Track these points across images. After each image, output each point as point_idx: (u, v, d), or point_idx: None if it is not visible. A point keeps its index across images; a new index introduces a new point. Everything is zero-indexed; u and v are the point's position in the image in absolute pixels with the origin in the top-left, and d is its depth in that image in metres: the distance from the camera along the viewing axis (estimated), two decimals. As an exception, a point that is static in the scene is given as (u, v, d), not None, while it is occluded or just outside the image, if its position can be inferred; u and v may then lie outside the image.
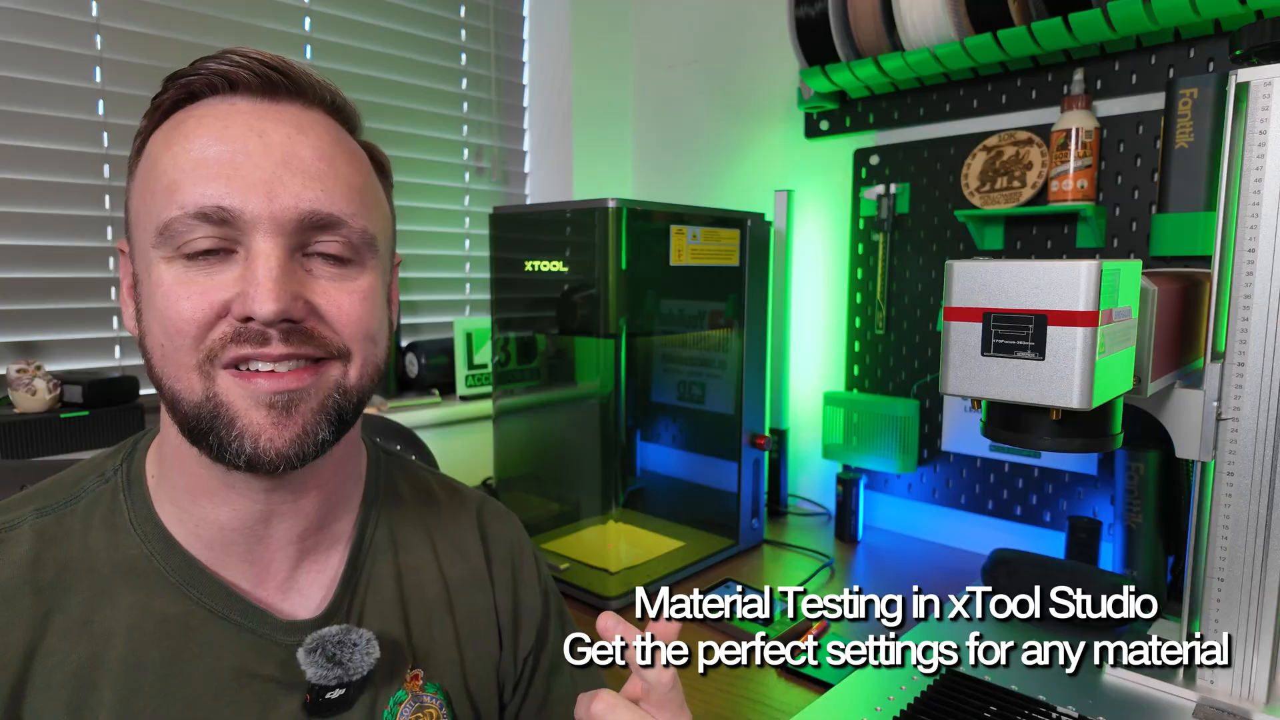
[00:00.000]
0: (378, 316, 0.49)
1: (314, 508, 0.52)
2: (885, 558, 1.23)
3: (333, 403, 0.47)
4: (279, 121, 0.46)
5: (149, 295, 0.45)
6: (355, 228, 0.47)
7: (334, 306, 0.46)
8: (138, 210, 0.46)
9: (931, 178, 1.28)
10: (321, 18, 1.41)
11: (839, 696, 0.79)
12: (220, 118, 0.45)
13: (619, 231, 1.00)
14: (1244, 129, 0.70)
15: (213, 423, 0.44)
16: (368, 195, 0.49)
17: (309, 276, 0.46)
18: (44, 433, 1.04)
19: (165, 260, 0.44)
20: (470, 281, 1.69)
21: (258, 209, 0.43)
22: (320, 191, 0.45)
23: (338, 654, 0.49)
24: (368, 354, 0.48)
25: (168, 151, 0.45)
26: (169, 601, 0.48)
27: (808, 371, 1.49)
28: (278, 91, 0.47)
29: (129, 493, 0.50)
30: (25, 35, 1.11)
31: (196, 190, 0.43)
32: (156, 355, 0.45)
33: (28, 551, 0.47)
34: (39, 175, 1.13)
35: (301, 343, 0.45)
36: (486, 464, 1.45)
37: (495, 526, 0.65)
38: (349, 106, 0.51)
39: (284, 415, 0.45)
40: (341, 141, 0.49)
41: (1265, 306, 0.70)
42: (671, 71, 1.69)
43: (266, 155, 0.44)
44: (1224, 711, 0.74)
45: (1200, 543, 0.78)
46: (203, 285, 0.43)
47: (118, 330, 1.23)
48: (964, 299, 0.65)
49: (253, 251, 0.43)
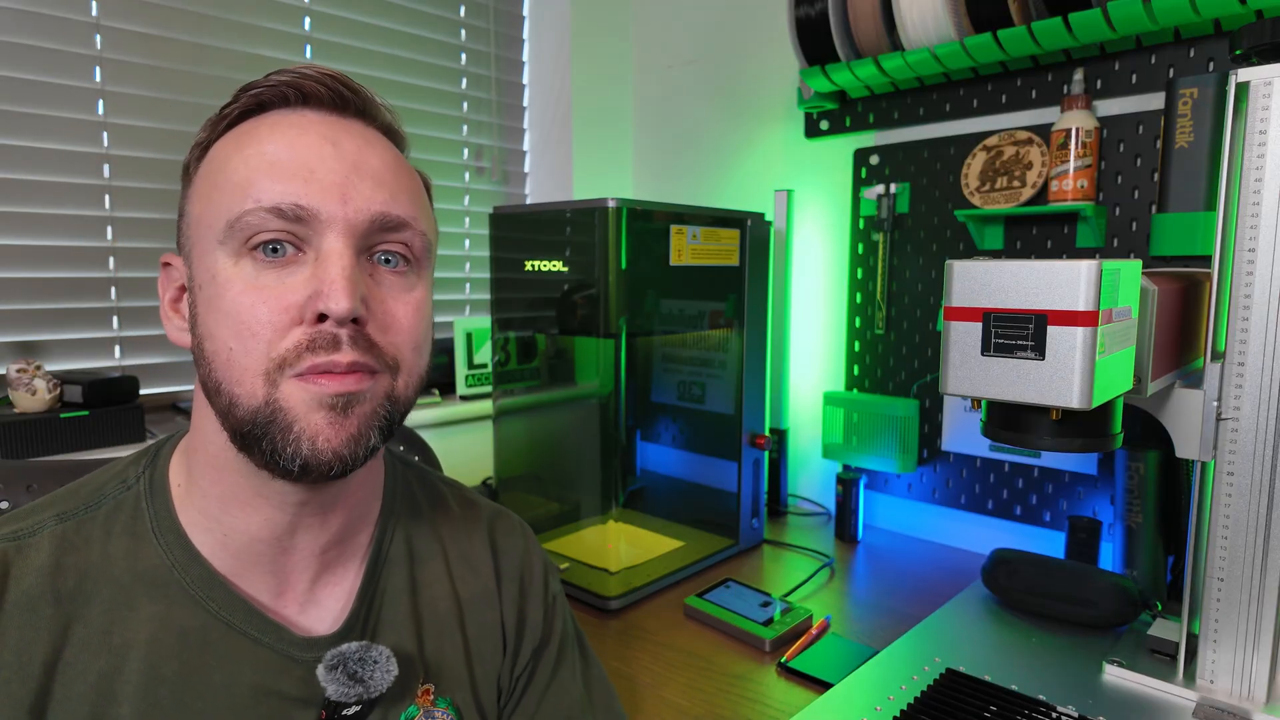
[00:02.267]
0: (425, 328, 0.51)
1: (340, 522, 0.53)
2: (885, 558, 1.23)
3: (384, 410, 0.48)
4: (349, 133, 0.48)
5: (214, 298, 0.44)
6: (419, 230, 0.49)
7: (391, 316, 0.48)
8: (199, 213, 0.47)
9: (931, 177, 1.28)
10: (321, 17, 1.41)
11: (839, 696, 0.79)
12: (294, 125, 0.47)
13: (619, 231, 1.00)
14: (1244, 129, 0.70)
15: (268, 428, 0.44)
16: (425, 206, 0.52)
17: (372, 283, 0.47)
18: (44, 433, 1.04)
19: (233, 259, 0.44)
20: (470, 281, 1.69)
21: (333, 210, 0.45)
22: (389, 196, 0.47)
23: (359, 671, 0.49)
24: (414, 365, 0.50)
25: (239, 153, 0.46)
26: (188, 614, 0.48)
27: (808, 371, 1.49)
28: (346, 107, 0.49)
29: (151, 501, 0.50)
30: (25, 35, 1.11)
31: (274, 188, 0.44)
32: (220, 359, 0.44)
33: (48, 559, 0.46)
34: (39, 175, 1.14)
35: (364, 350, 0.45)
36: (486, 464, 1.45)
37: (507, 542, 0.65)
38: (401, 131, 0.53)
39: (342, 415, 0.45)
40: (400, 157, 0.51)
41: (1265, 306, 0.70)
42: (671, 71, 1.69)
43: (339, 161, 0.46)
44: (1224, 711, 0.74)
45: (1200, 543, 0.78)
46: (275, 289, 0.44)
47: (118, 330, 1.23)
48: (964, 299, 0.65)
49: (324, 251, 0.44)
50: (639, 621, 1.01)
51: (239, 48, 1.30)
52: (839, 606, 1.06)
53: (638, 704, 0.82)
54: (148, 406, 1.18)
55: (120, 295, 1.22)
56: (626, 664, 0.90)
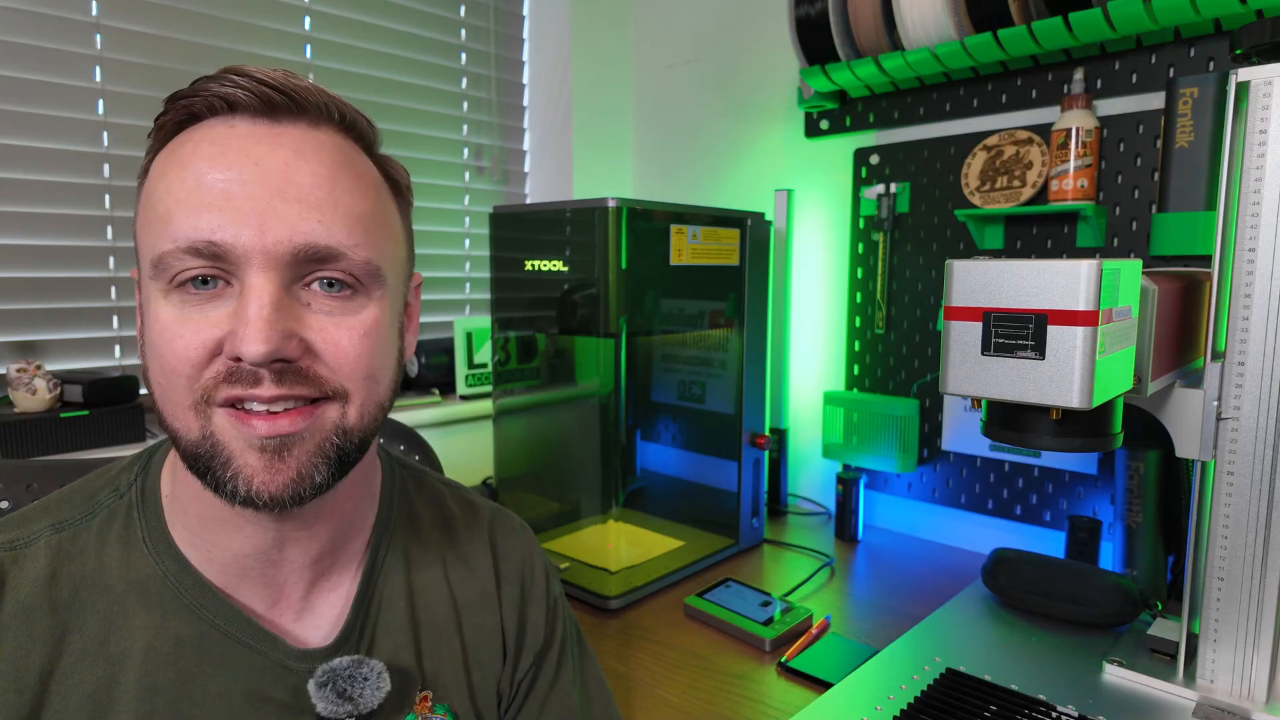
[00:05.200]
0: (379, 353, 0.47)
1: (328, 532, 0.52)
2: (885, 557, 1.23)
3: (331, 445, 0.45)
4: (277, 146, 0.43)
5: (148, 330, 0.44)
6: (356, 260, 0.44)
7: (331, 345, 0.44)
8: (140, 239, 0.45)
9: (931, 177, 1.28)
10: (321, 17, 1.41)
11: (839, 696, 0.79)
12: (217, 143, 0.43)
13: (619, 231, 1.00)
14: (1244, 128, 0.70)
15: (210, 462, 0.43)
16: (373, 222, 0.46)
17: (306, 311, 0.44)
18: (44, 432, 1.04)
19: (163, 294, 0.43)
20: (470, 281, 1.69)
21: (250, 242, 0.41)
22: (317, 223, 0.43)
23: (348, 689, 0.49)
24: (368, 393, 0.46)
25: (163, 180, 0.43)
26: (183, 622, 0.48)
27: (808, 371, 1.49)
28: (278, 112, 0.44)
29: (143, 511, 0.50)
30: (25, 35, 1.11)
31: (188, 223, 0.41)
32: (156, 392, 0.44)
33: (44, 569, 0.46)
34: (39, 175, 1.13)
35: (295, 383, 0.43)
36: (486, 463, 1.45)
37: (507, 543, 0.64)
38: (362, 122, 0.48)
39: (276, 459, 0.43)
40: (347, 164, 0.46)
41: (1265, 306, 0.70)
42: (671, 71, 1.69)
43: (261, 184, 0.42)
44: (1224, 711, 0.74)
45: (1200, 542, 0.78)
46: (196, 323, 0.42)
47: (118, 330, 1.23)
48: (964, 298, 0.65)
49: (246, 287, 0.42)
50: (639, 621, 1.01)
51: (239, 48, 1.30)
52: (839, 606, 1.06)
53: (637, 704, 0.82)
54: (148, 406, 1.18)
55: (120, 295, 1.22)
56: (626, 664, 0.90)
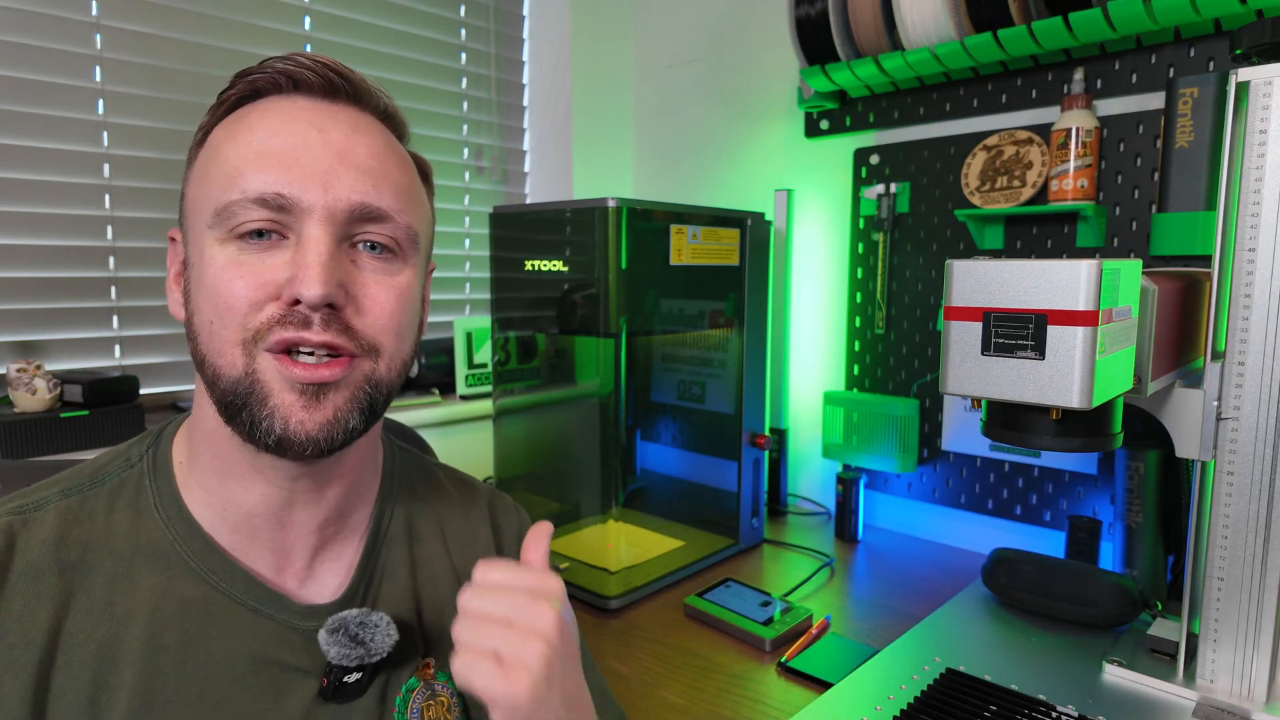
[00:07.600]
0: (409, 314, 0.51)
1: (336, 498, 0.54)
2: (885, 557, 1.23)
3: (364, 394, 0.49)
4: (337, 120, 0.48)
5: (200, 275, 0.47)
6: (401, 223, 0.49)
7: (371, 299, 0.48)
8: (195, 196, 0.49)
9: (931, 177, 1.28)
10: (321, 17, 1.41)
11: (839, 696, 0.79)
12: (283, 112, 0.48)
13: (619, 231, 1.00)
14: (1244, 128, 0.70)
15: (247, 399, 0.46)
16: (413, 196, 0.52)
17: (353, 267, 0.48)
18: (44, 432, 1.04)
19: (219, 241, 0.46)
20: (470, 281, 1.69)
21: (314, 198, 0.46)
22: (371, 186, 0.48)
23: (360, 634, 0.50)
24: (396, 349, 0.50)
25: (230, 141, 0.47)
26: (189, 585, 0.49)
27: (808, 371, 1.49)
28: (337, 94, 0.50)
29: (154, 478, 0.52)
30: (25, 35, 1.11)
31: (258, 177, 0.45)
32: (204, 333, 0.47)
33: (52, 531, 0.48)
34: (39, 175, 1.13)
35: (338, 333, 0.46)
36: (487, 463, 1.45)
37: (505, 520, 0.67)
38: (400, 115, 0.54)
39: (314, 400, 0.46)
40: (392, 145, 0.52)
41: (1265, 306, 0.70)
42: (671, 71, 1.69)
43: (325, 149, 0.47)
44: (1224, 711, 0.74)
45: (1200, 542, 0.78)
46: (254, 267, 0.45)
47: (118, 330, 1.23)
48: (964, 298, 0.65)
49: (304, 238, 0.46)
50: (639, 621, 1.01)
51: (239, 47, 1.30)
52: (839, 606, 1.06)
53: (637, 704, 0.82)
54: (148, 406, 1.18)
55: (120, 295, 1.22)
56: (626, 664, 0.90)
